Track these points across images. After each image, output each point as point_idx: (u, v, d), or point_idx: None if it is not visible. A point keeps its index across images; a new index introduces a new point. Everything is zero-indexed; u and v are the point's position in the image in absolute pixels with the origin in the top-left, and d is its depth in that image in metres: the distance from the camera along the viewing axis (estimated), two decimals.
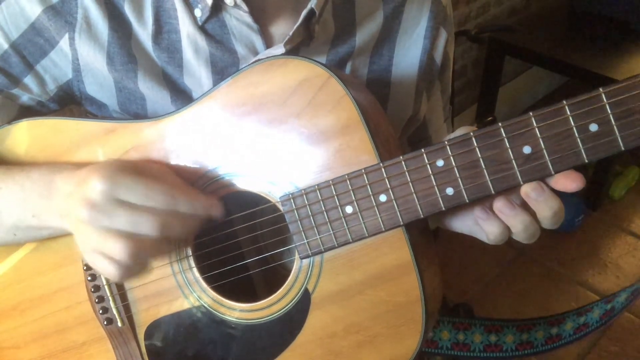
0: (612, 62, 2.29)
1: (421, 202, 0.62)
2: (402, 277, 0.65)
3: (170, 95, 0.76)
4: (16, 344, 0.78)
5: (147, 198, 0.61)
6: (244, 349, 0.73)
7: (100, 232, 0.61)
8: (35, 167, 0.71)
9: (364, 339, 0.68)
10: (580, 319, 0.91)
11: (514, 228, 0.62)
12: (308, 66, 0.65)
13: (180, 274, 0.73)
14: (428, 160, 0.60)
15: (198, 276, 0.73)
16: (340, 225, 0.65)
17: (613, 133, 0.54)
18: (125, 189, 0.61)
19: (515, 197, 0.61)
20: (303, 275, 0.68)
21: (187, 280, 0.73)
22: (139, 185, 0.61)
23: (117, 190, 0.61)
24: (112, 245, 0.60)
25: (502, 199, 0.61)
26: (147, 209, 0.61)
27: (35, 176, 0.70)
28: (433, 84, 0.87)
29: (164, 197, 0.62)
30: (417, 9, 0.81)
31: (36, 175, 0.70)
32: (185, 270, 0.73)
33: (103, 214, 0.61)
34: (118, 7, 0.73)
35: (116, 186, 0.61)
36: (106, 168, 0.62)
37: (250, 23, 0.72)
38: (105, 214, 0.61)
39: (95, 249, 0.62)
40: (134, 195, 0.61)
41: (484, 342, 0.97)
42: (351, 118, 0.64)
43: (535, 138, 0.57)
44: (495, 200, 0.61)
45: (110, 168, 0.62)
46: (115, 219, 0.61)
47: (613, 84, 0.54)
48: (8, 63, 0.75)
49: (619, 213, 2.56)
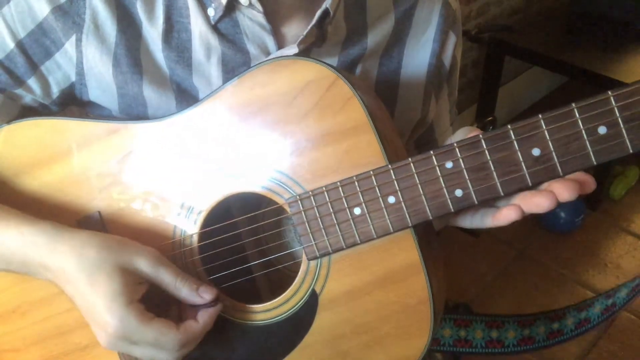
0: (612, 62, 2.29)
1: (430, 204, 0.62)
2: (411, 278, 0.65)
3: (175, 97, 0.76)
4: (16, 346, 0.78)
5: (158, 345, 0.66)
6: (250, 350, 0.73)
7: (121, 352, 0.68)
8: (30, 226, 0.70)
9: (372, 340, 0.68)
10: (581, 314, 0.91)
11: (533, 211, 0.60)
12: (315, 67, 0.65)
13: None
14: (437, 162, 0.60)
15: (204, 277, 0.73)
16: (348, 226, 0.65)
17: (621, 136, 0.55)
18: (138, 337, 0.65)
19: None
20: (310, 276, 0.68)
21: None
22: (148, 335, 0.65)
23: (129, 336, 0.65)
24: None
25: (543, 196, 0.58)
26: (160, 349, 0.66)
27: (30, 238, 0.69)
28: (442, 87, 0.87)
29: (173, 344, 0.66)
30: (428, 12, 0.81)
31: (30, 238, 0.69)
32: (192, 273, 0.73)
33: (120, 347, 0.66)
34: (128, 7, 0.73)
35: (128, 333, 0.64)
36: (119, 306, 0.65)
37: (263, 23, 0.72)
38: (122, 348, 0.66)
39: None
40: (145, 342, 0.65)
41: (485, 338, 0.97)
42: (359, 119, 0.64)
43: (544, 140, 0.57)
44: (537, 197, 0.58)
45: (122, 306, 0.65)
46: (133, 351, 0.67)
47: (622, 87, 0.54)
48: (13, 62, 0.75)
49: (619, 213, 2.56)
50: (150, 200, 0.73)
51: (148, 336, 0.64)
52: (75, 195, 0.74)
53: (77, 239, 0.67)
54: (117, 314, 0.64)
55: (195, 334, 0.67)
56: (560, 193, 0.57)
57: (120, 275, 0.65)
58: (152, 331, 0.64)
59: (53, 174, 0.75)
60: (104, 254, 0.65)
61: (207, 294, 0.68)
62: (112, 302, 0.64)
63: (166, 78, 0.75)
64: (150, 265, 0.66)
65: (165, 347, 0.65)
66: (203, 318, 0.68)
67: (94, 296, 0.65)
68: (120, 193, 0.73)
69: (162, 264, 0.67)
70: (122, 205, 0.73)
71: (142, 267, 0.66)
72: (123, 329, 0.64)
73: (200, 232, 0.71)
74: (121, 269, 0.65)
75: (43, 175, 0.75)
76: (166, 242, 0.73)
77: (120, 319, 0.63)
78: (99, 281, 0.64)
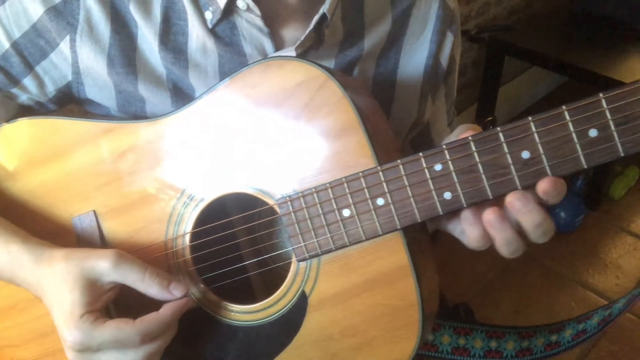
0: (612, 62, 2.28)
1: (419, 207, 0.61)
2: (399, 281, 0.65)
3: (171, 97, 0.76)
4: (14, 342, 0.78)
5: (119, 344, 0.64)
6: (241, 350, 0.73)
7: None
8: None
9: (360, 342, 0.68)
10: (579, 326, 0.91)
11: (497, 241, 0.60)
12: (306, 68, 0.65)
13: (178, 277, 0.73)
14: (426, 164, 0.60)
15: (195, 277, 0.73)
16: (337, 228, 0.65)
17: (613, 139, 0.54)
18: (97, 342, 0.64)
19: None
20: (300, 277, 0.68)
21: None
22: (105, 337, 0.64)
23: (88, 345, 0.64)
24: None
25: (493, 211, 0.59)
26: (124, 351, 0.65)
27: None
28: (438, 87, 0.87)
29: (134, 338, 0.64)
30: (425, 13, 0.81)
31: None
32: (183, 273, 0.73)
33: (86, 359, 0.65)
34: (122, 8, 0.73)
35: (86, 342, 0.64)
36: (74, 319, 0.64)
37: (261, 26, 0.72)
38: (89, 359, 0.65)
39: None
40: (105, 346, 0.64)
41: (484, 347, 0.97)
42: (349, 120, 0.64)
43: (534, 143, 0.56)
44: (487, 211, 0.59)
45: (76, 318, 0.64)
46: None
47: (613, 89, 0.53)
48: (9, 63, 0.75)
49: (619, 213, 2.55)
50: (144, 200, 0.73)
51: (106, 337, 0.64)
52: (70, 194, 0.75)
53: (53, 255, 0.68)
54: (72, 327, 0.64)
55: (155, 323, 0.65)
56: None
57: (82, 285, 0.64)
58: (109, 330, 0.64)
59: (49, 173, 0.75)
60: (66, 266, 0.66)
61: (178, 291, 0.67)
62: (69, 315, 0.64)
63: (162, 77, 0.75)
64: (112, 266, 0.65)
65: (127, 344, 0.64)
66: (165, 309, 0.67)
67: (56, 308, 0.65)
68: (115, 192, 0.74)
69: (124, 262, 0.66)
70: (117, 204, 0.74)
71: (104, 271, 0.65)
72: (80, 339, 0.63)
73: (193, 231, 0.71)
74: (83, 278, 0.65)
75: (39, 174, 0.76)
76: (159, 241, 0.73)
77: (74, 332, 0.63)
78: (62, 293, 0.65)
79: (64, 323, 0.64)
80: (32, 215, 0.76)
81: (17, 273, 0.69)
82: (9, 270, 0.70)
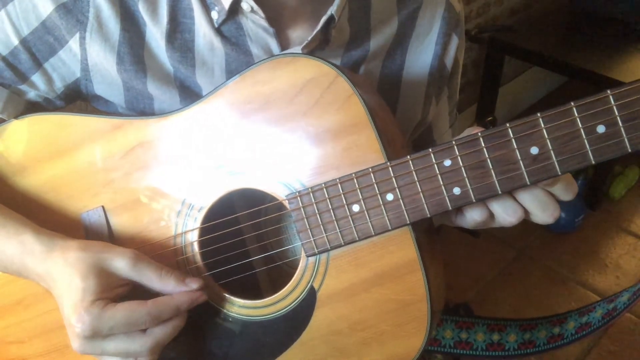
0: (612, 62, 2.28)
1: (428, 202, 0.62)
2: (408, 276, 0.65)
3: (179, 94, 0.76)
4: (20, 338, 0.79)
5: (130, 325, 0.65)
6: (249, 345, 0.73)
7: (95, 354, 0.67)
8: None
9: (369, 337, 0.69)
10: (582, 319, 0.91)
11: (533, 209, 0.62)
12: (316, 65, 0.65)
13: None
14: (435, 159, 0.61)
15: (204, 272, 0.73)
16: (346, 223, 0.65)
17: (620, 135, 0.55)
18: (108, 325, 0.64)
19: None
20: (309, 273, 0.69)
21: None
22: (117, 318, 0.64)
23: (97, 330, 0.64)
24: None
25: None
26: (132, 336, 0.65)
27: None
28: (442, 89, 0.88)
29: (145, 318, 0.65)
30: (431, 15, 0.82)
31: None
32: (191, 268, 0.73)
33: (91, 348, 0.65)
34: (131, 7, 0.73)
35: (96, 327, 0.64)
36: (84, 305, 0.64)
37: (266, 27, 0.72)
38: (94, 349, 0.66)
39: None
40: (117, 329, 0.64)
41: (486, 340, 0.97)
42: (359, 117, 0.64)
43: (542, 139, 0.57)
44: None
45: (87, 304, 0.64)
46: (105, 348, 0.66)
47: (621, 86, 0.54)
48: (17, 59, 0.75)
49: (619, 213, 2.56)
50: (153, 196, 0.73)
51: (117, 319, 0.64)
52: (79, 189, 0.75)
53: (67, 245, 0.68)
54: (81, 311, 0.64)
55: (167, 306, 0.66)
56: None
57: (95, 274, 0.65)
58: (121, 312, 0.64)
59: (57, 169, 0.76)
60: (82, 255, 0.66)
61: (194, 283, 0.69)
62: (80, 301, 0.64)
63: (170, 76, 0.76)
64: (130, 265, 0.66)
65: (138, 325, 0.65)
66: (179, 295, 0.68)
67: (66, 296, 0.66)
68: (124, 188, 0.74)
69: (142, 262, 0.67)
70: (125, 200, 0.74)
71: (121, 269, 0.66)
72: (90, 324, 0.63)
73: (201, 227, 0.72)
74: (97, 268, 0.66)
75: (48, 170, 0.76)
76: (167, 237, 0.73)
77: (84, 317, 0.63)
78: (74, 280, 0.65)
79: (73, 310, 0.64)
80: (41, 210, 0.76)
81: (27, 263, 0.69)
82: (19, 261, 0.70)
